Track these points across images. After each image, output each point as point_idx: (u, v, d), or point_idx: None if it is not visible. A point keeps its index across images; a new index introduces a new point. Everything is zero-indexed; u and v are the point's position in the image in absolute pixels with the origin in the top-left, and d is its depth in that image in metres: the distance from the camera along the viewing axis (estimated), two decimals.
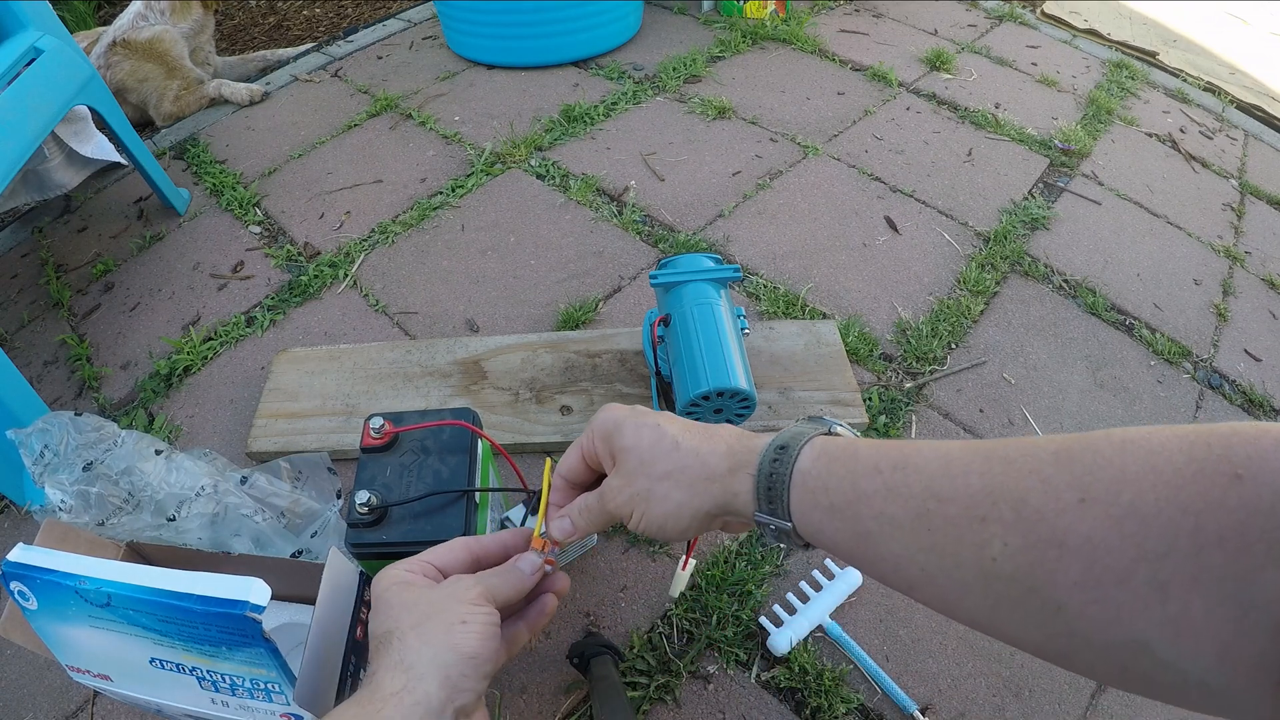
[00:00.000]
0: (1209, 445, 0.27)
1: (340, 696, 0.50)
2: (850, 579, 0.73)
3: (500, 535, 0.48)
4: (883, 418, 0.88)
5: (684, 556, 0.54)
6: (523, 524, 0.61)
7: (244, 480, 0.68)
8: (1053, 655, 0.31)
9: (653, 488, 0.41)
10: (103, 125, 1.13)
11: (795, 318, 1.01)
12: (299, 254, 1.15)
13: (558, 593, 0.48)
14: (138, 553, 0.62)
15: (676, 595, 0.62)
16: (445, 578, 0.43)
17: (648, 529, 0.42)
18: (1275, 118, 1.62)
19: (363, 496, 0.53)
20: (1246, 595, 0.25)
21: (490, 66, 1.59)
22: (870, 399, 0.90)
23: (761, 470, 0.39)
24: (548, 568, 0.47)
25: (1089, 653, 0.29)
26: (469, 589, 0.41)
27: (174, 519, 0.63)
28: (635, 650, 0.69)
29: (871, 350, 0.97)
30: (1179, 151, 1.44)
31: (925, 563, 0.33)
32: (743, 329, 0.80)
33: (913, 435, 0.88)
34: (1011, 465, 0.32)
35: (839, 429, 0.41)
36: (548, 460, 0.51)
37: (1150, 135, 1.48)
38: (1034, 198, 1.26)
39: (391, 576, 0.42)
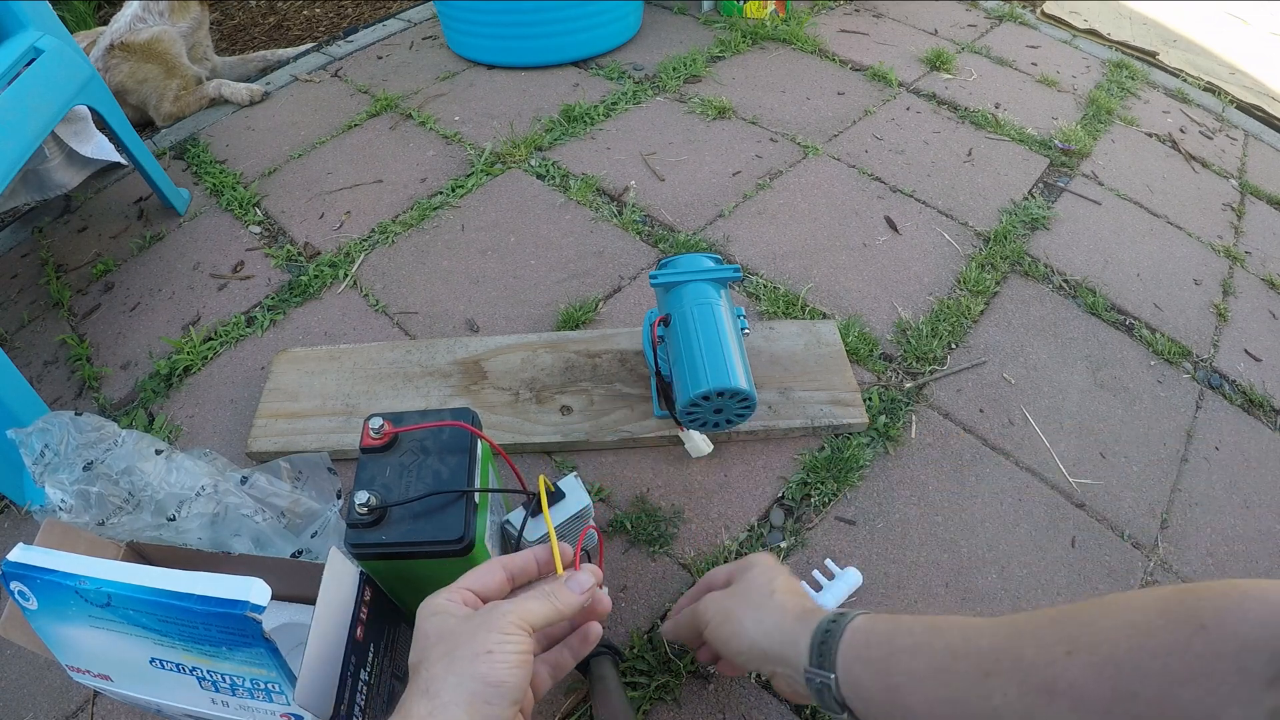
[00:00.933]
0: (1181, 601, 0.32)
1: (340, 696, 0.50)
2: (850, 579, 0.73)
3: (529, 551, 0.49)
4: (883, 418, 0.88)
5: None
6: (522, 527, 0.61)
7: (244, 480, 0.68)
8: None
9: (734, 609, 0.53)
10: (103, 125, 1.13)
11: (795, 318, 1.01)
12: (299, 254, 1.15)
13: (600, 615, 0.49)
14: (138, 553, 0.62)
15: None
16: (484, 603, 0.44)
17: (713, 639, 0.54)
18: (1275, 118, 1.62)
19: (362, 497, 0.53)
20: None
21: (490, 66, 1.59)
22: (870, 399, 0.90)
23: (818, 630, 0.47)
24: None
25: None
26: (502, 616, 0.41)
27: (174, 519, 0.63)
28: (635, 650, 0.69)
29: (871, 350, 0.97)
30: (1179, 151, 1.44)
31: (944, 714, 0.39)
32: (743, 329, 0.80)
33: (912, 435, 0.88)
34: (1015, 629, 0.38)
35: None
36: (541, 478, 0.53)
37: (1150, 135, 1.48)
38: (1034, 198, 1.26)
39: (431, 607, 0.43)
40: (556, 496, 0.63)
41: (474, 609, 0.43)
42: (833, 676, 0.44)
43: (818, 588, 0.73)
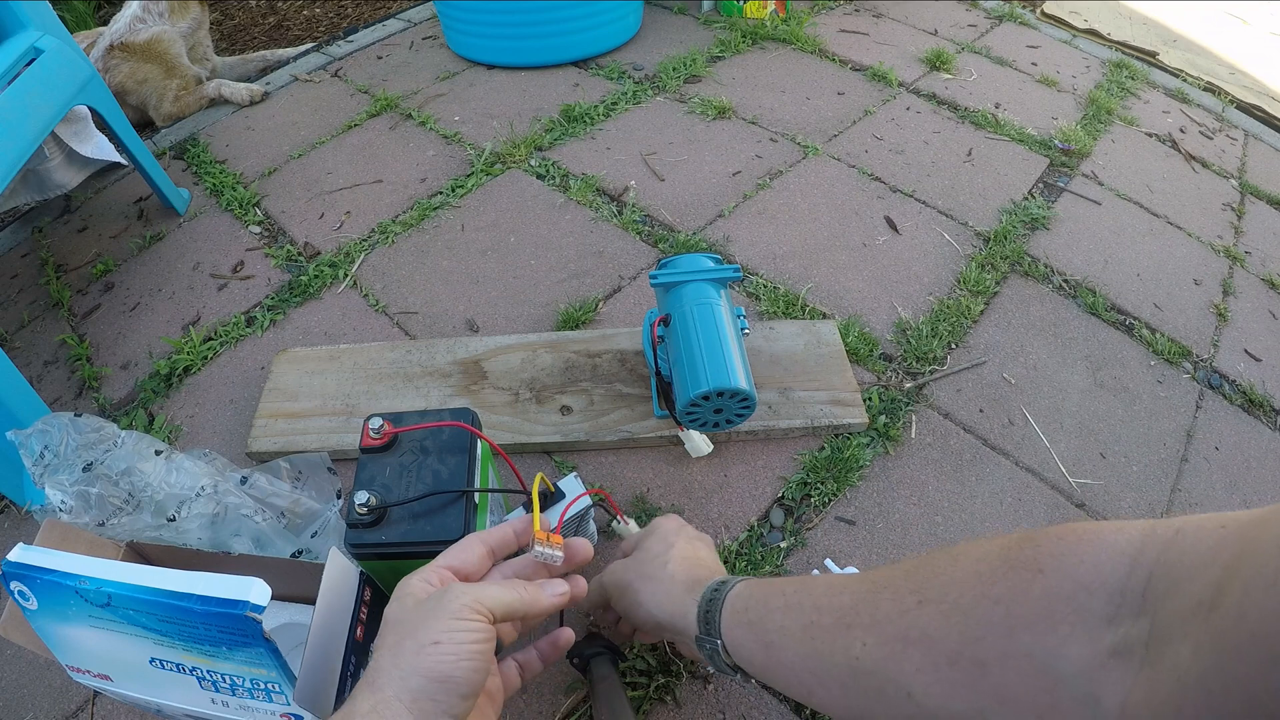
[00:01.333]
0: (1021, 548, 0.34)
1: (340, 696, 0.50)
2: None
3: (509, 523, 0.49)
4: (883, 418, 0.88)
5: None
6: (535, 520, 0.61)
7: (244, 480, 0.68)
8: None
9: (631, 582, 0.55)
10: (103, 125, 1.13)
11: (795, 318, 1.01)
12: (299, 254, 1.15)
13: (574, 597, 0.47)
14: (138, 553, 0.62)
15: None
16: (466, 580, 0.44)
17: (617, 609, 0.57)
18: (1275, 118, 1.62)
19: (362, 497, 0.53)
20: (1056, 668, 0.30)
21: (490, 66, 1.59)
22: (870, 399, 0.90)
23: (705, 596, 0.49)
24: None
25: None
26: (455, 599, 0.39)
27: (174, 519, 0.63)
28: (635, 650, 0.69)
29: (871, 350, 0.97)
30: (1179, 151, 1.44)
31: (812, 667, 0.41)
32: (743, 329, 0.80)
33: (913, 435, 0.88)
34: (874, 584, 0.40)
35: None
36: (539, 475, 0.53)
37: (1150, 135, 1.48)
38: (1034, 198, 1.26)
39: (401, 589, 0.42)
40: (556, 497, 0.63)
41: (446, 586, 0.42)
42: (719, 641, 0.46)
43: None
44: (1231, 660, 0.24)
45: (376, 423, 0.57)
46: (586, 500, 0.64)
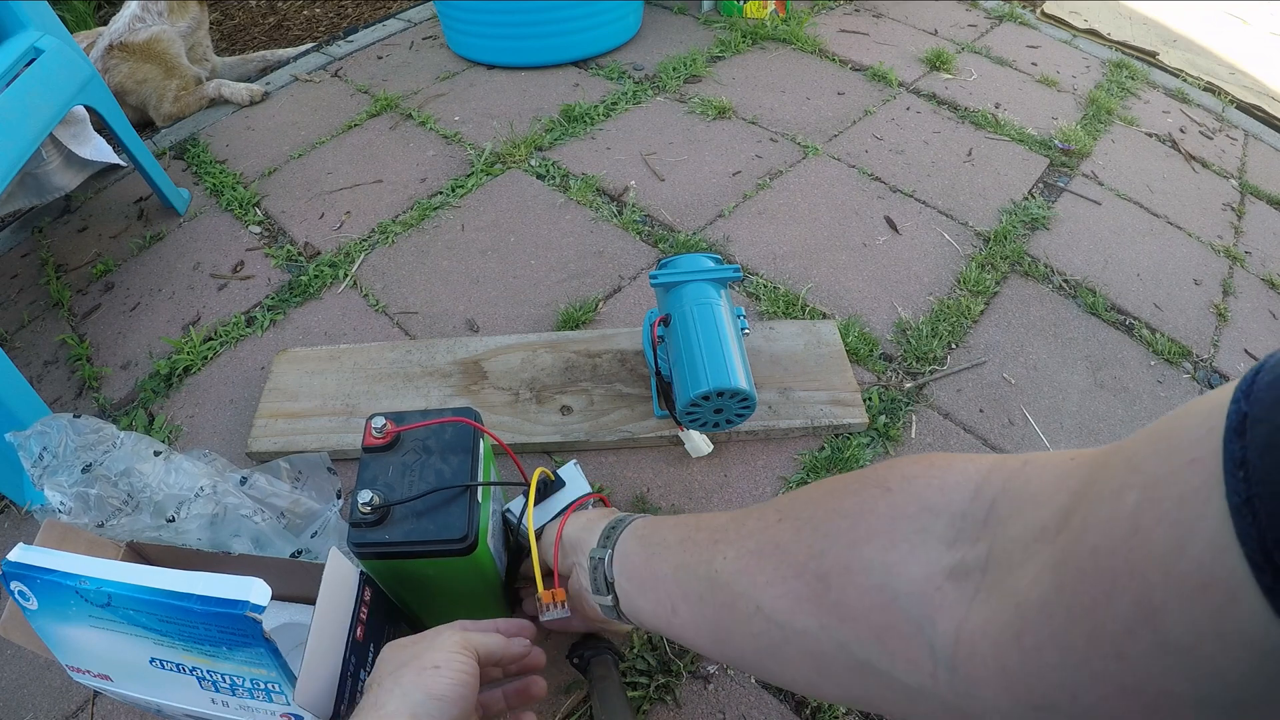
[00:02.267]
0: (875, 470, 0.35)
1: (340, 696, 0.50)
2: None
3: (493, 621, 0.53)
4: (883, 418, 0.88)
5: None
6: (521, 515, 0.61)
7: (244, 481, 0.68)
8: (765, 657, 0.37)
9: (560, 523, 0.58)
10: (102, 126, 1.13)
11: (795, 318, 1.01)
12: (299, 254, 1.14)
13: (534, 665, 0.53)
14: (138, 553, 0.62)
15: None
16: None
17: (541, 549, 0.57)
18: (1275, 118, 1.62)
19: (365, 496, 0.53)
20: (891, 587, 0.30)
21: (490, 66, 1.59)
22: (870, 399, 0.90)
23: (616, 517, 0.52)
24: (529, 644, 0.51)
25: (788, 645, 0.35)
26: (448, 637, 0.46)
27: (173, 520, 0.63)
28: (635, 650, 0.69)
29: (871, 350, 0.97)
30: (1179, 151, 1.44)
31: (680, 578, 0.42)
32: (743, 329, 0.80)
33: (913, 435, 0.88)
34: (748, 510, 0.41)
35: None
36: (540, 469, 0.53)
37: (1150, 135, 1.48)
38: (1034, 198, 1.26)
39: (393, 642, 0.48)
40: (556, 485, 0.63)
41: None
42: (609, 553, 0.48)
43: None
44: (1073, 584, 0.23)
45: (379, 421, 0.57)
46: (586, 488, 0.64)
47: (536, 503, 0.61)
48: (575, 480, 0.64)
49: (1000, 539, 0.27)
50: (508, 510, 0.65)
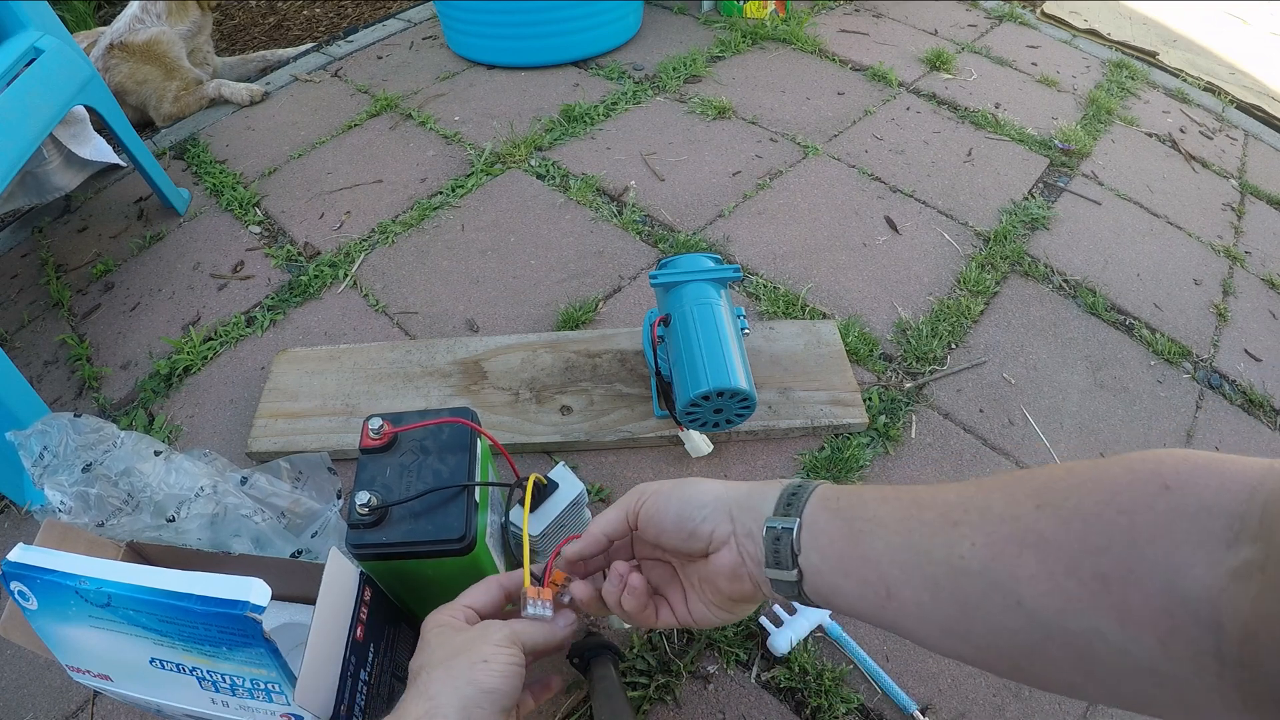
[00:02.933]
0: (1144, 462, 0.32)
1: (340, 696, 0.50)
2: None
3: (518, 572, 0.51)
4: (883, 418, 0.88)
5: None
6: (524, 526, 0.61)
7: (244, 480, 0.68)
8: (1018, 655, 0.35)
9: (687, 481, 0.47)
10: (102, 125, 1.13)
11: (795, 318, 1.01)
12: (299, 254, 1.15)
13: (559, 683, 0.53)
14: (138, 553, 0.62)
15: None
16: (482, 619, 0.48)
17: (655, 510, 0.47)
18: (1275, 118, 1.62)
19: (363, 497, 0.53)
20: (1179, 588, 0.29)
21: (490, 66, 1.59)
22: (870, 399, 0.90)
23: (790, 484, 0.45)
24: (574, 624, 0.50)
25: (1050, 644, 0.33)
26: (497, 631, 0.45)
27: (173, 520, 0.63)
28: (635, 650, 0.69)
29: (871, 350, 0.97)
30: (1179, 151, 1.44)
31: (904, 560, 0.38)
32: (743, 329, 0.80)
33: (913, 435, 0.88)
34: (982, 484, 0.38)
35: None
36: (533, 476, 0.52)
37: (1150, 135, 1.48)
38: (1034, 198, 1.26)
39: (435, 621, 0.47)
40: (550, 489, 0.63)
41: (471, 624, 0.47)
42: (796, 522, 0.42)
43: (778, 623, 0.71)
44: None
45: (376, 423, 0.57)
46: (580, 487, 0.64)
47: (532, 509, 0.61)
48: (567, 480, 0.64)
49: (1276, 541, 0.27)
50: (509, 521, 0.65)
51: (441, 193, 1.25)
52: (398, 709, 0.41)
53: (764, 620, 0.70)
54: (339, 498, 0.71)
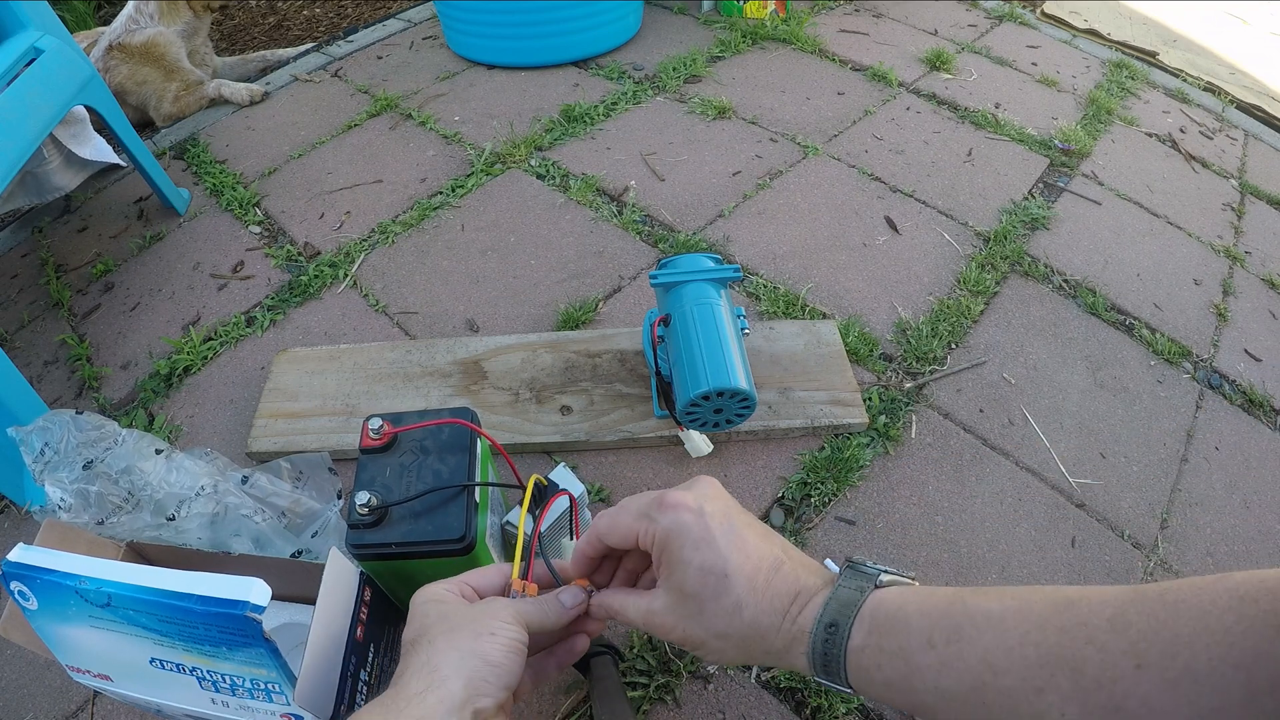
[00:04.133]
0: (1256, 601, 0.29)
1: (340, 696, 0.50)
2: None
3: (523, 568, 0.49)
4: (883, 418, 0.88)
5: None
6: (520, 525, 0.61)
7: (245, 480, 0.68)
8: None
9: (709, 642, 0.41)
10: (103, 125, 1.13)
11: (795, 318, 1.01)
12: (299, 254, 1.15)
13: (590, 633, 0.49)
14: (138, 553, 0.62)
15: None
16: (478, 597, 0.45)
17: (696, 656, 0.43)
18: (1275, 118, 1.62)
19: (363, 497, 0.53)
20: None
21: (490, 66, 1.59)
22: (870, 399, 0.90)
23: (815, 650, 0.39)
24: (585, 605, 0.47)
25: None
26: (503, 608, 0.42)
27: (173, 519, 0.63)
28: (635, 650, 0.69)
29: (871, 350, 0.97)
30: (1179, 151, 1.44)
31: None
32: (743, 329, 0.80)
33: (913, 435, 0.88)
34: (1066, 634, 0.32)
35: (885, 578, 0.40)
36: (534, 477, 0.50)
37: (1150, 135, 1.48)
38: (1034, 198, 1.26)
39: (429, 593, 0.44)
40: (550, 490, 0.63)
41: (470, 601, 0.44)
42: (851, 691, 0.39)
43: None
44: None
45: (376, 423, 0.57)
46: (580, 488, 0.64)
47: (531, 510, 0.61)
48: (566, 481, 0.64)
49: None
50: (508, 522, 0.65)
51: (441, 193, 1.25)
52: (396, 682, 0.39)
53: None
54: (339, 498, 0.71)
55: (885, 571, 0.41)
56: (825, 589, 0.40)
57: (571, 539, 0.66)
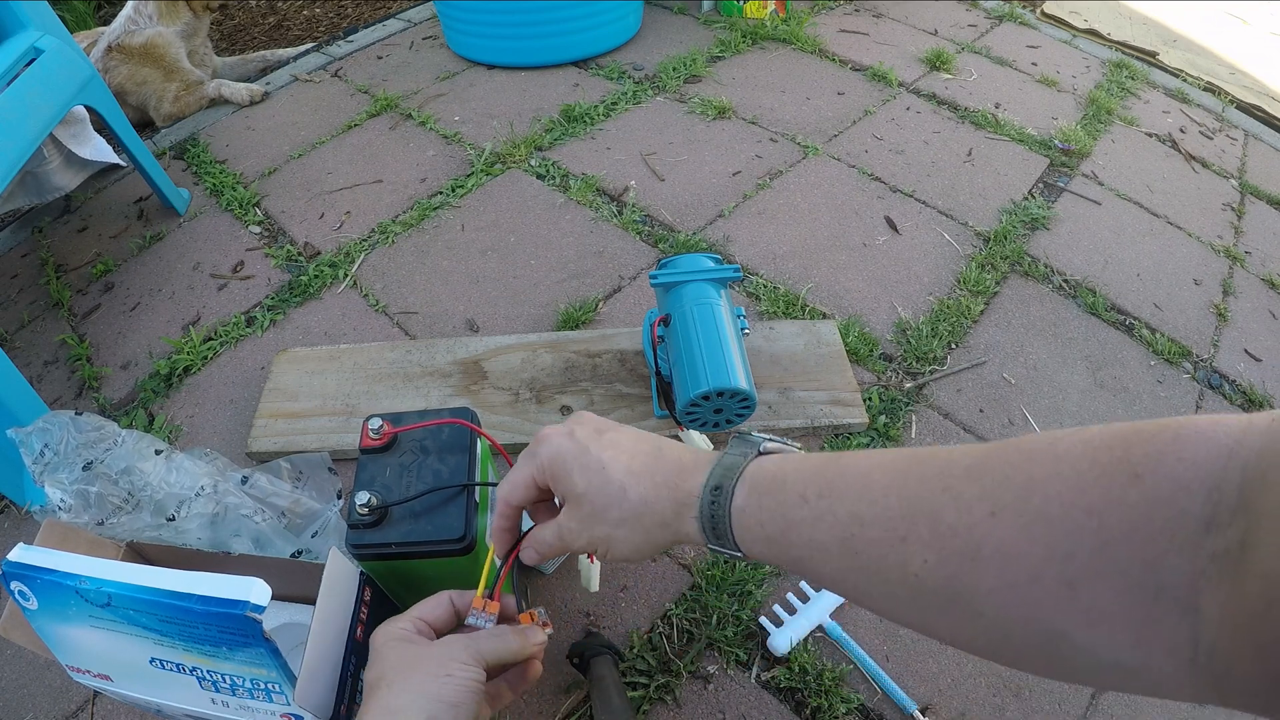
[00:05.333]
0: (1110, 448, 0.30)
1: (340, 696, 0.50)
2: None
3: (471, 593, 0.50)
4: (883, 418, 0.88)
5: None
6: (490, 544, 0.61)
7: (245, 480, 0.68)
8: (984, 652, 0.34)
9: (611, 533, 0.43)
10: (102, 126, 1.13)
11: (795, 318, 1.01)
12: (299, 254, 1.15)
13: (538, 668, 0.51)
14: (138, 553, 0.62)
15: (595, 589, 0.62)
16: (435, 633, 0.47)
17: (614, 560, 0.45)
18: (1275, 118, 1.62)
19: (363, 497, 0.53)
20: (1154, 582, 0.27)
21: (490, 66, 1.59)
22: (870, 399, 0.90)
23: (703, 513, 0.41)
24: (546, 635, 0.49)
25: (1013, 649, 0.32)
26: (461, 649, 0.44)
27: (173, 519, 0.63)
28: (635, 650, 0.69)
29: (871, 350, 0.97)
30: (1179, 151, 1.44)
31: (856, 581, 0.36)
32: (743, 329, 0.80)
33: (913, 435, 0.88)
34: (926, 484, 0.34)
35: (769, 445, 0.43)
36: (492, 546, 0.50)
37: (1150, 135, 1.48)
38: (1034, 198, 1.26)
39: (388, 633, 0.46)
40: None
41: (428, 638, 0.46)
42: (740, 553, 0.41)
43: (818, 588, 0.72)
44: None
45: (376, 423, 0.57)
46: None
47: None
48: None
49: (1255, 510, 0.25)
50: None
51: (441, 193, 1.25)
52: None
53: (764, 620, 0.70)
54: (339, 498, 0.71)
55: (769, 439, 0.43)
56: (709, 461, 0.43)
57: None
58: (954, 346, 0.99)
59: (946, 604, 0.33)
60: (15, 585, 0.47)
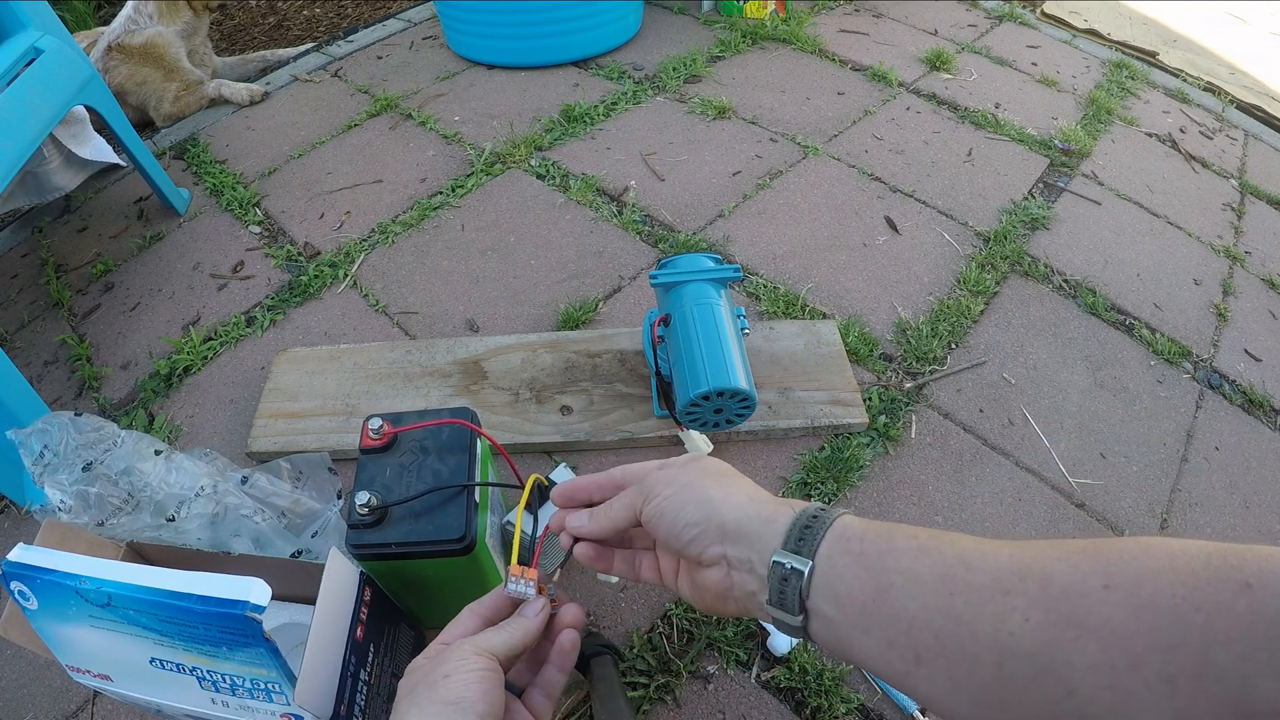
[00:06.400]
0: (1224, 555, 0.29)
1: (340, 696, 0.50)
2: None
3: (498, 590, 0.48)
4: (883, 418, 0.88)
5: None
6: (525, 522, 0.61)
7: (245, 480, 0.68)
8: None
9: (695, 479, 0.43)
10: (102, 126, 1.13)
11: (795, 318, 1.01)
12: (299, 254, 1.15)
13: (572, 624, 0.48)
14: (138, 553, 0.62)
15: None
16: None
17: (658, 513, 0.43)
18: (1275, 118, 1.62)
19: (363, 497, 0.53)
20: (1247, 700, 0.26)
21: (490, 66, 1.59)
22: (870, 399, 0.90)
23: (804, 512, 0.40)
24: (551, 609, 0.47)
25: None
26: (458, 648, 0.43)
27: (173, 519, 0.63)
28: (635, 650, 0.69)
29: (871, 350, 0.97)
30: (1179, 151, 1.44)
31: (941, 627, 0.34)
32: (743, 329, 0.80)
33: (912, 435, 0.88)
34: (1040, 551, 0.33)
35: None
36: (534, 476, 0.50)
37: (1150, 135, 1.48)
38: (1034, 198, 1.26)
39: (411, 664, 0.44)
40: (551, 490, 0.63)
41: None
42: (809, 565, 0.38)
43: None
44: None
45: (376, 423, 0.57)
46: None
47: (527, 508, 0.61)
48: (565, 481, 0.64)
49: None
50: (508, 522, 0.65)
51: (441, 193, 1.25)
52: None
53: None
54: (339, 498, 0.71)
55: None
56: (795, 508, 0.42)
57: None
58: (954, 346, 0.99)
59: (1036, 675, 0.31)
60: (15, 585, 0.47)
